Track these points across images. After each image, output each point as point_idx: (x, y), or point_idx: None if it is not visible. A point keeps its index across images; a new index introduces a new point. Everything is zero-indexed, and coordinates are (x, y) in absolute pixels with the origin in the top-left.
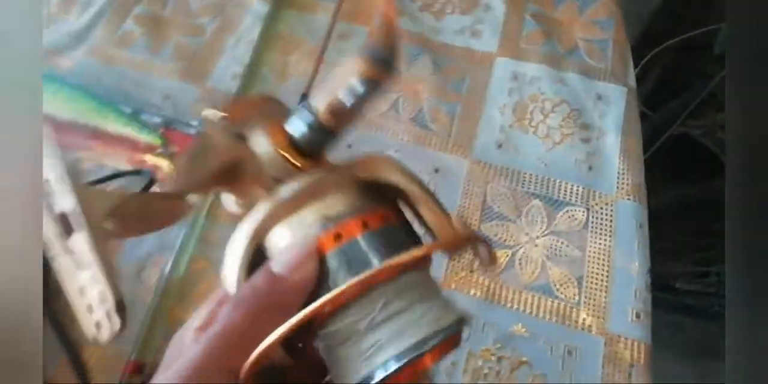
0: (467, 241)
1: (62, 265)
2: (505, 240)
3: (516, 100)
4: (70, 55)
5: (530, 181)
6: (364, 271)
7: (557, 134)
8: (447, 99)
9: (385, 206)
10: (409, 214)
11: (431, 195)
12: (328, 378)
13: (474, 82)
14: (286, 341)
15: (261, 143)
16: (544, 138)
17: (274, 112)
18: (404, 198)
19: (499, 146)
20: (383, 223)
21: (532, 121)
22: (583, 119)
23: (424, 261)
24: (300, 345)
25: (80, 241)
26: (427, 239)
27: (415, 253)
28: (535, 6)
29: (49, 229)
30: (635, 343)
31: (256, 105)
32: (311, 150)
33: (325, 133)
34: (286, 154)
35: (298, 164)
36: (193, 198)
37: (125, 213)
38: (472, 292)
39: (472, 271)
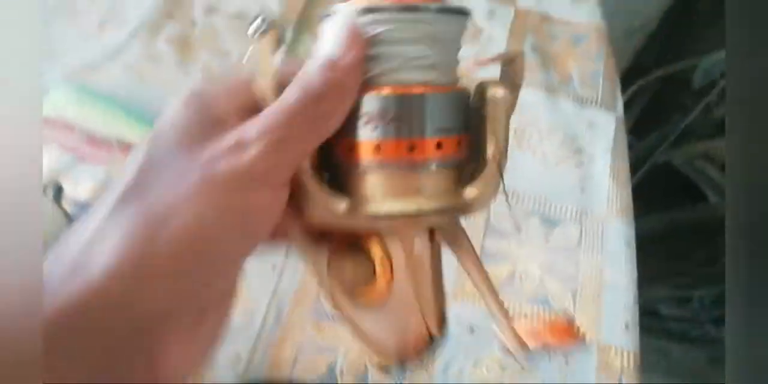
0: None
1: None
2: (506, 256)
3: (515, 126)
4: (105, 70)
5: (529, 200)
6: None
7: (553, 158)
8: None
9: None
10: None
11: None
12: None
13: None
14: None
15: None
16: (542, 160)
17: None
18: None
19: None
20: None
21: (530, 143)
22: (576, 145)
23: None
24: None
25: None
26: None
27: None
28: (533, 38)
29: None
30: (624, 352)
31: None
32: None
33: None
34: None
35: None
36: None
37: None
38: (478, 304)
39: None
